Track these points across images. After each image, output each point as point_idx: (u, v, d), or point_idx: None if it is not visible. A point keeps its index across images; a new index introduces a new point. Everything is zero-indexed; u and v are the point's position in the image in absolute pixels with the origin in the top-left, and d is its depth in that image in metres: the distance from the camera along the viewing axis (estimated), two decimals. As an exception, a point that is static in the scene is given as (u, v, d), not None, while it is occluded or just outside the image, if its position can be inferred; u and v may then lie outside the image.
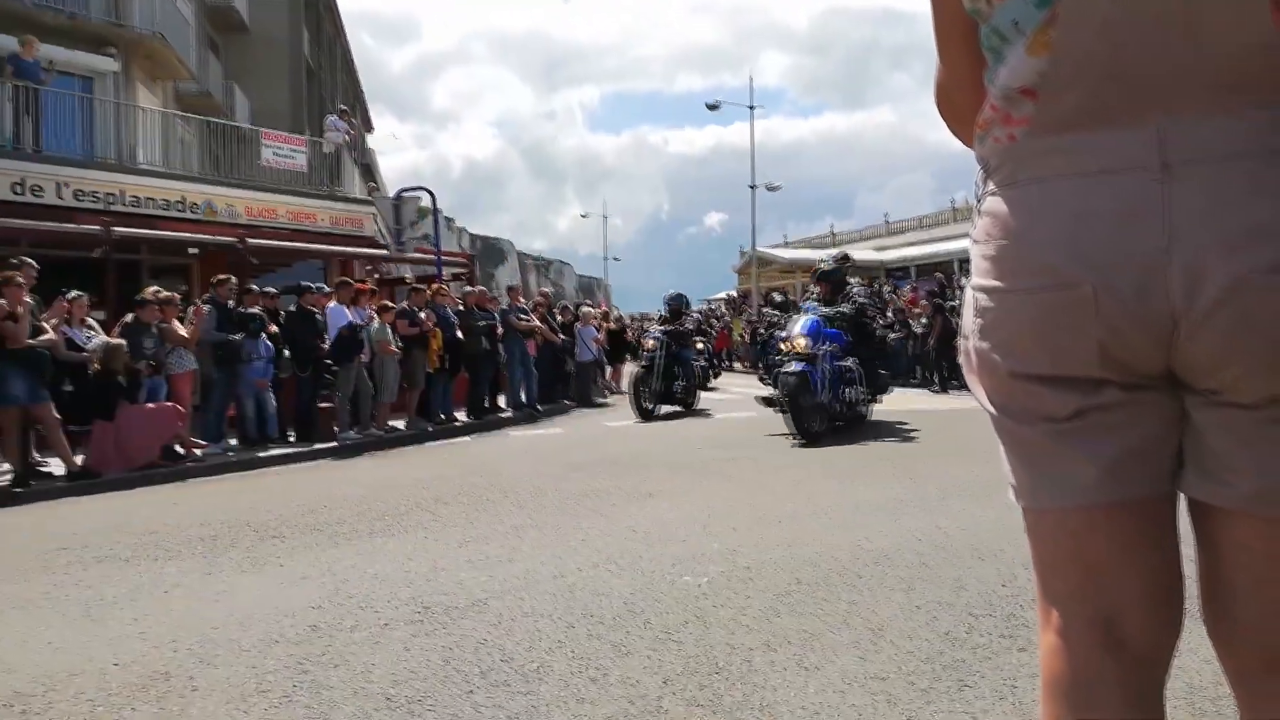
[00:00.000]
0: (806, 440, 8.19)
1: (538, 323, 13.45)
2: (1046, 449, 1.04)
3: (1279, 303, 0.87)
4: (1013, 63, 1.00)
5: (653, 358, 12.15)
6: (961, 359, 1.13)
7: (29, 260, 8.37)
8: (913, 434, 8.75)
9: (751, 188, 32.68)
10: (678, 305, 13.70)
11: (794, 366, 8.59)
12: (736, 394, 14.45)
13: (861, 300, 9.50)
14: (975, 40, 1.07)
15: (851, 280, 10.08)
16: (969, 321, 1.09)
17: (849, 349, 9.13)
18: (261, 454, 9.31)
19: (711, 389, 15.74)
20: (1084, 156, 0.96)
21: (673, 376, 12.37)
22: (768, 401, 8.97)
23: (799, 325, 9.11)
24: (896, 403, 13.14)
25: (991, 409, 1.09)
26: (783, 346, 9.13)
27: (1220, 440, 0.97)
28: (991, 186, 1.05)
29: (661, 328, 12.99)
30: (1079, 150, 0.96)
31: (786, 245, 42.85)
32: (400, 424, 10.96)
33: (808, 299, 10.31)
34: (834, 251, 10.22)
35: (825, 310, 9.41)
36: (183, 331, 9.07)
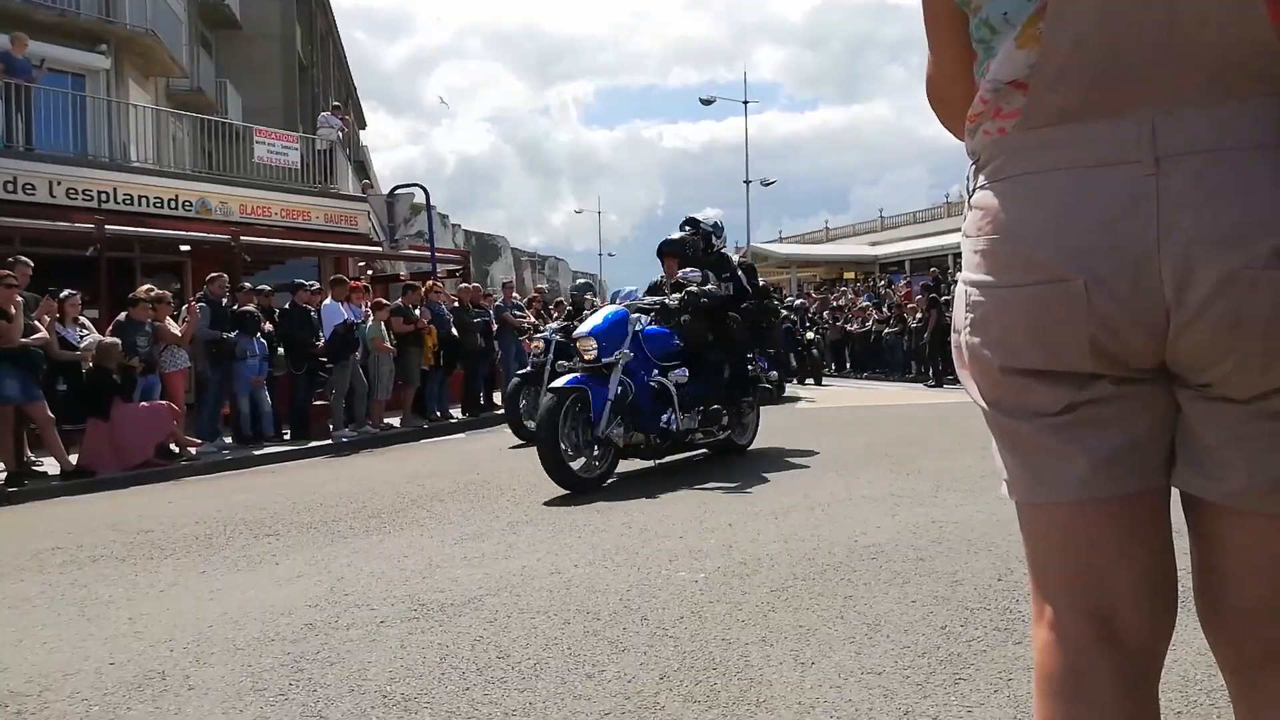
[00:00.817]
0: (570, 489, 5.64)
1: (533, 319, 13.44)
2: (1039, 443, 1.04)
3: (1270, 297, 0.87)
4: (1002, 55, 0.99)
5: (541, 363, 9.20)
6: (954, 353, 1.13)
7: (25, 259, 8.35)
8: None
9: (746, 183, 32.71)
10: (581, 298, 11.12)
11: (562, 381, 6.01)
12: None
13: (703, 288, 6.69)
14: (965, 33, 1.06)
15: (737, 260, 7.67)
16: (960, 316, 1.08)
17: (688, 354, 6.56)
18: (256, 452, 9.30)
19: None
20: (1075, 150, 0.95)
21: None
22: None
23: (590, 321, 6.53)
24: (895, 396, 13.18)
25: (983, 404, 1.09)
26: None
27: (1212, 435, 0.97)
28: (982, 180, 1.05)
29: (556, 325, 10.08)
30: (1070, 143, 0.96)
31: (781, 240, 42.91)
32: (395, 421, 10.95)
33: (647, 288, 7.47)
34: (711, 214, 7.70)
35: (646, 300, 6.91)
36: (176, 330, 9.05)
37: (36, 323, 7.85)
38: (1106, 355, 0.97)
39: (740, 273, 7.33)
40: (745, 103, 32.46)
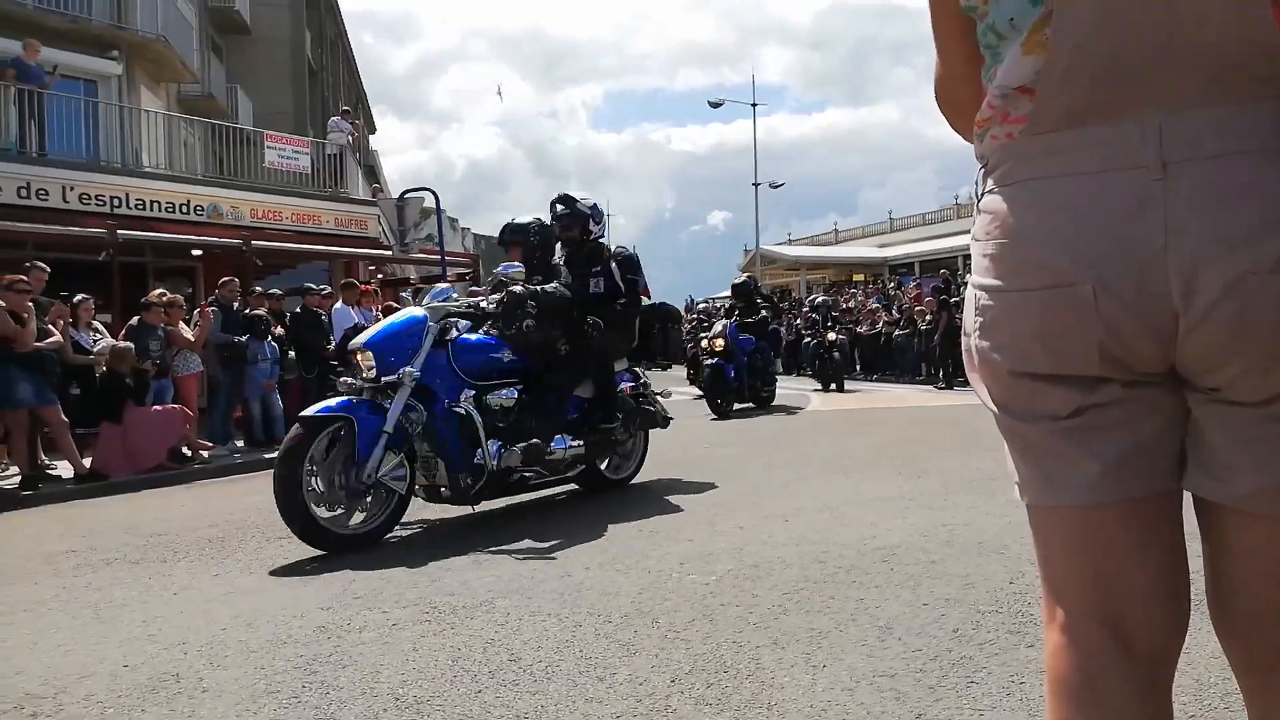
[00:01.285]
0: (322, 547, 4.50)
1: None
2: (1049, 447, 1.04)
3: (1277, 301, 0.87)
4: (1009, 61, 1.00)
5: None
6: (964, 356, 1.13)
7: (41, 264, 8.41)
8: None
9: (754, 185, 32.69)
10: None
11: (318, 407, 4.83)
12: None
13: (530, 288, 5.38)
14: (973, 37, 1.07)
15: (625, 252, 6.19)
16: (970, 320, 1.09)
17: (533, 369, 5.43)
18: (268, 455, 9.27)
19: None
20: (1082, 155, 0.95)
21: None
22: None
23: (373, 328, 5.54)
24: (905, 398, 13.14)
25: (994, 407, 1.10)
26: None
27: (1221, 437, 0.97)
28: (991, 184, 1.05)
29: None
30: (1077, 148, 0.96)
31: (790, 243, 42.89)
32: (406, 424, 10.95)
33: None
34: (589, 199, 6.14)
35: (463, 303, 5.51)
36: (189, 334, 9.10)
37: (50, 327, 7.91)
38: (1115, 359, 0.97)
39: (614, 266, 5.95)
40: (754, 105, 32.46)
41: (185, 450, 8.78)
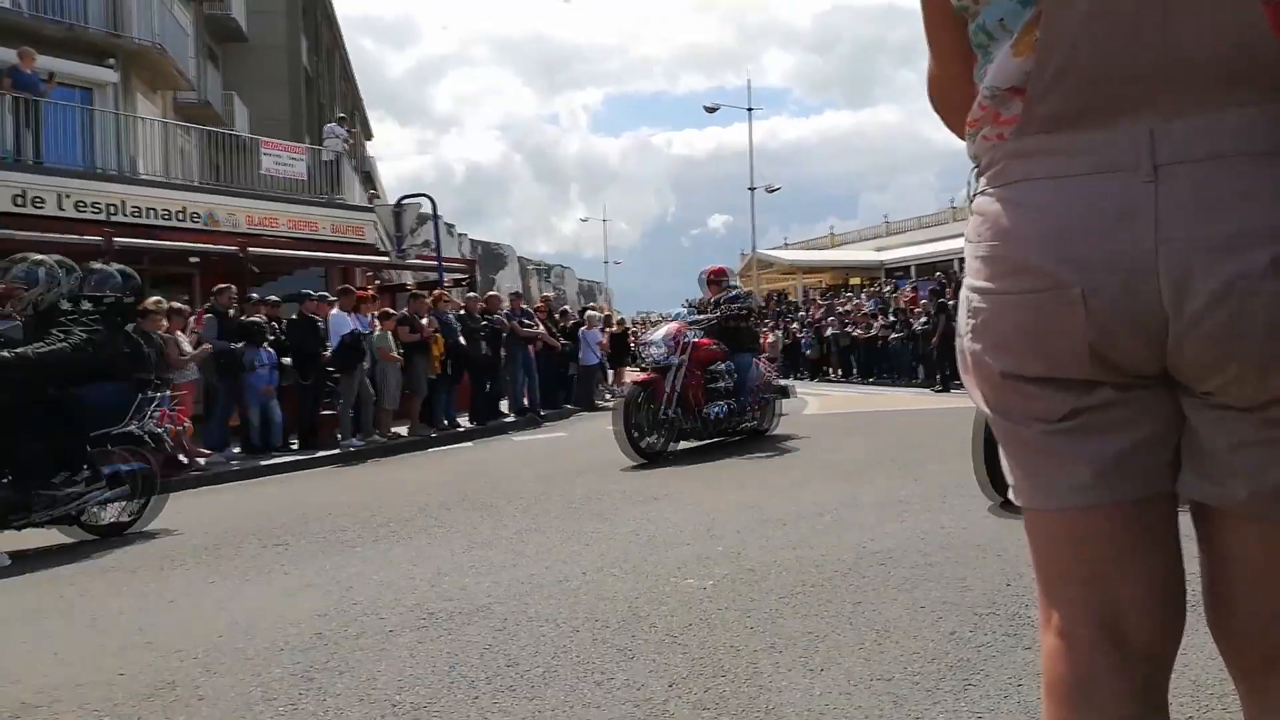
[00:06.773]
0: None
1: (540, 327, 13.47)
2: (1042, 449, 1.03)
3: (1267, 307, 0.86)
4: (999, 62, 0.99)
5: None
6: (958, 359, 1.13)
7: None
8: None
9: (750, 190, 32.76)
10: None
11: None
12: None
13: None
14: (965, 36, 1.06)
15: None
16: (963, 322, 1.08)
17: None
18: (265, 462, 9.32)
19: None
20: (1072, 157, 0.95)
21: None
22: None
23: None
24: (901, 401, 13.15)
25: (987, 410, 1.09)
26: None
27: (1215, 442, 0.97)
28: (983, 185, 1.05)
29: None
30: (1067, 151, 0.95)
31: (786, 247, 42.94)
32: (403, 430, 10.97)
33: None
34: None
35: None
36: (185, 345, 9.06)
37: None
38: (1106, 362, 0.96)
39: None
40: (750, 110, 32.57)
41: (181, 458, 8.75)
